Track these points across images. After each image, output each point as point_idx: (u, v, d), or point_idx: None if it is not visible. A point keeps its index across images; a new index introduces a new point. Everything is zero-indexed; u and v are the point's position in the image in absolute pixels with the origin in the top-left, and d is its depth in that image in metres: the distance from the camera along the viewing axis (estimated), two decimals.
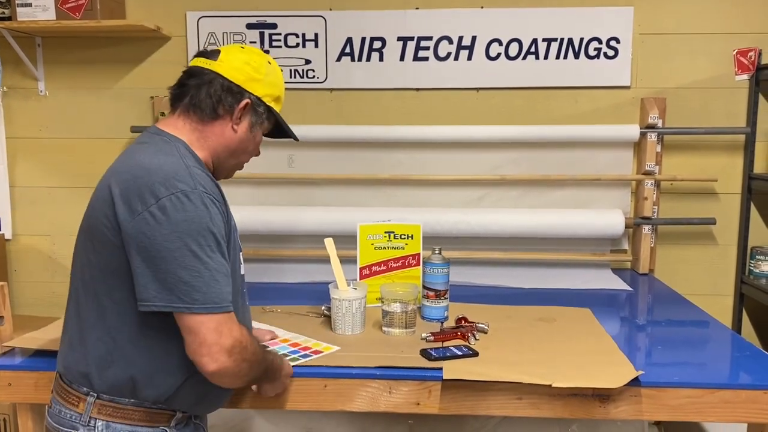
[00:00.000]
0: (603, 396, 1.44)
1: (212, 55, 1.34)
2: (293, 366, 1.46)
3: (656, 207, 2.51)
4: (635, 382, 1.43)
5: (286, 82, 2.49)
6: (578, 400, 1.45)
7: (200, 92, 1.31)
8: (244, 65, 1.32)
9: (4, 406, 2.05)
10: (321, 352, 1.55)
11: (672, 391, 1.44)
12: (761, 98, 2.49)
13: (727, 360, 1.70)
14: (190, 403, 1.29)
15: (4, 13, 2.44)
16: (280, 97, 1.40)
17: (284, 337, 1.64)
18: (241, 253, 1.39)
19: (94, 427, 1.24)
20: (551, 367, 1.49)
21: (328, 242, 1.81)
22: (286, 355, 1.50)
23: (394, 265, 1.94)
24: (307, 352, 1.54)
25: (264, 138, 1.47)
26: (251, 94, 1.33)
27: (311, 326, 1.77)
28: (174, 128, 1.31)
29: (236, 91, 1.31)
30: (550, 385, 1.40)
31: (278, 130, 1.45)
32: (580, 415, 1.46)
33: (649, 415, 1.46)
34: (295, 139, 1.50)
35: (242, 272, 1.39)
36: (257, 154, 1.45)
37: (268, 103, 1.36)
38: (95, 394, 1.24)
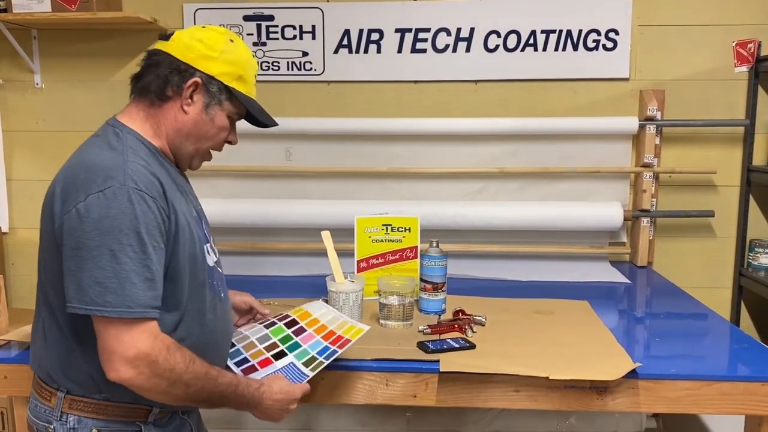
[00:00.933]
0: (600, 388, 1.44)
1: (168, 36, 1.28)
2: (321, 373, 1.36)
3: (655, 199, 2.50)
4: (633, 374, 1.43)
5: (283, 75, 2.55)
6: (576, 392, 1.45)
7: (148, 74, 1.27)
8: (195, 43, 1.26)
9: (1, 399, 2.05)
10: (350, 340, 1.42)
11: (670, 383, 1.44)
12: (760, 90, 2.48)
13: (726, 352, 1.70)
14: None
15: None
16: (243, 76, 1.30)
17: (323, 321, 1.49)
18: (207, 245, 1.32)
19: (66, 421, 1.22)
20: (548, 360, 1.48)
21: (325, 235, 1.80)
22: (314, 359, 1.37)
23: (392, 257, 1.93)
24: (335, 346, 1.40)
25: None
26: (201, 72, 1.25)
27: None
28: (128, 118, 1.28)
29: (183, 70, 1.25)
30: (547, 378, 1.40)
31: (262, 114, 1.37)
32: (578, 407, 1.46)
33: (647, 407, 1.46)
34: (270, 124, 1.39)
35: (210, 264, 1.32)
36: (231, 141, 1.37)
37: (226, 83, 1.28)
38: (65, 390, 1.23)
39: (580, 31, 2.48)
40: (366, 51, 2.53)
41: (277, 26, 2.54)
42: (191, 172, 1.55)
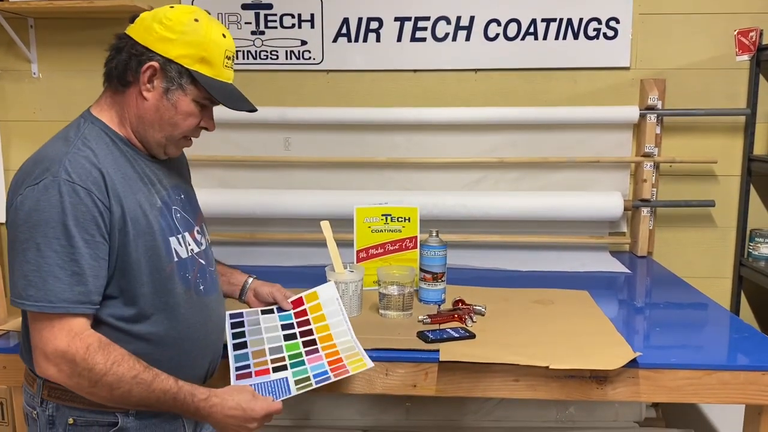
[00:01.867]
0: (600, 378, 1.44)
1: (134, 19, 1.24)
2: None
3: (655, 189, 2.49)
4: (633, 363, 1.43)
5: (281, 63, 2.54)
6: (576, 381, 1.45)
7: (112, 61, 1.24)
8: (155, 25, 1.20)
9: (1, 389, 2.05)
10: (348, 372, 1.36)
11: (670, 372, 1.44)
12: (762, 79, 2.46)
13: (726, 342, 1.70)
14: None
15: None
16: (207, 57, 1.22)
17: (338, 346, 1.45)
18: (177, 237, 1.28)
19: (46, 408, 1.23)
20: (548, 349, 1.48)
21: (324, 225, 1.80)
22: (307, 379, 1.34)
23: (391, 248, 1.93)
24: (332, 372, 1.36)
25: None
26: (159, 55, 1.20)
27: None
28: (98, 107, 1.27)
29: (141, 54, 1.20)
30: (547, 367, 1.40)
31: (231, 98, 1.27)
32: (578, 396, 1.46)
33: (647, 396, 1.46)
34: (242, 109, 1.30)
35: (183, 255, 1.28)
36: (207, 127, 1.31)
37: (186, 66, 1.21)
38: (43, 377, 1.22)
39: (581, 20, 2.46)
40: (365, 40, 2.51)
41: (275, 15, 2.52)
42: (191, 161, 1.54)
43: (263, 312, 1.58)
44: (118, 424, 1.22)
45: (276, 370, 1.39)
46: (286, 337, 1.49)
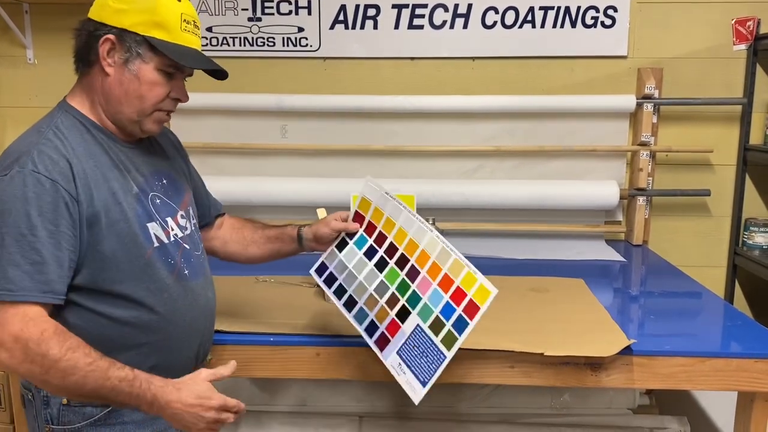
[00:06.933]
0: (595, 364, 1.45)
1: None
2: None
3: (651, 178, 2.50)
4: (627, 350, 1.44)
5: (278, 51, 2.53)
6: (570, 368, 1.46)
7: (76, 44, 1.24)
8: (108, 0, 1.20)
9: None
10: (478, 308, 1.27)
11: (664, 359, 1.45)
12: (759, 69, 2.46)
13: (719, 329, 1.72)
14: None
15: None
16: (161, 22, 1.19)
17: (432, 257, 1.36)
18: (154, 223, 1.26)
19: (41, 389, 1.23)
20: (544, 336, 1.49)
21: (321, 212, 1.80)
22: (441, 325, 1.28)
23: None
24: (461, 310, 1.28)
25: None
26: (114, 27, 1.19)
27: (305, 296, 1.77)
28: (71, 94, 1.27)
29: (96, 30, 1.20)
30: (542, 354, 1.41)
31: (191, 58, 1.24)
32: (572, 383, 1.47)
33: (641, 383, 1.47)
34: (199, 67, 1.26)
35: (165, 240, 1.27)
36: (179, 98, 1.28)
37: (141, 33, 1.19)
38: None
39: (579, 8, 2.45)
40: (362, 27, 2.50)
41: (272, 1, 2.50)
42: (188, 148, 1.54)
43: (339, 249, 1.49)
44: (111, 405, 1.23)
45: (400, 317, 1.33)
46: (379, 268, 1.41)
